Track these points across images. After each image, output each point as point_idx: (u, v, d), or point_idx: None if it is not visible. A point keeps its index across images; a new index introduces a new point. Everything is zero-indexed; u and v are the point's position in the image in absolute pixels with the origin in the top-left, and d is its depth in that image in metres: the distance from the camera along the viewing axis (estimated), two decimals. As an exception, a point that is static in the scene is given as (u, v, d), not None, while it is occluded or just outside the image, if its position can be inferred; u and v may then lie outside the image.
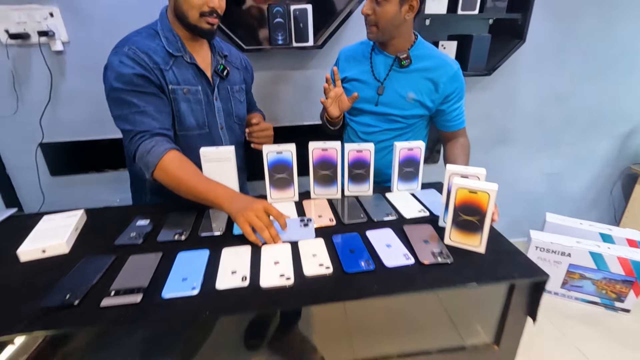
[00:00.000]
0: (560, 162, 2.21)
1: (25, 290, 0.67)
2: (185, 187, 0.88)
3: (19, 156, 1.61)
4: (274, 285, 0.66)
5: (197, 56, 1.03)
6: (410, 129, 1.19)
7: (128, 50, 0.92)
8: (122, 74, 0.90)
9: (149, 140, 0.90)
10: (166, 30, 0.99)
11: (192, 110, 1.02)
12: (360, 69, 1.18)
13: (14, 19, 1.41)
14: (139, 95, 0.92)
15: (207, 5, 0.94)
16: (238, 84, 1.16)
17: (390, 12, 1.01)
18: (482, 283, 0.67)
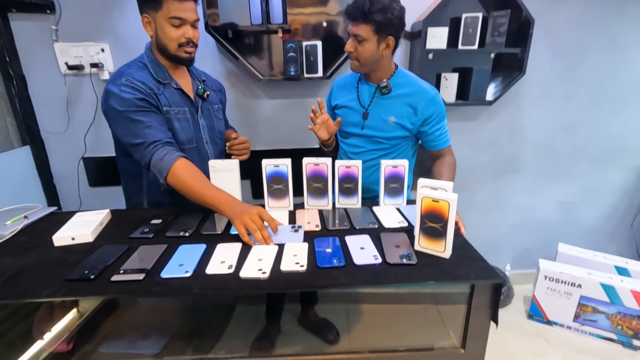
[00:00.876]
0: (573, 191, 2.20)
1: (55, 267, 0.82)
2: (193, 192, 1.02)
3: (65, 168, 1.86)
4: (250, 277, 0.77)
5: (181, 82, 1.20)
6: (395, 149, 1.31)
7: (125, 81, 1.06)
8: (125, 99, 1.04)
9: (161, 149, 1.04)
10: (152, 62, 1.15)
11: (182, 128, 1.18)
12: (349, 97, 1.34)
13: (72, 53, 1.69)
14: (144, 113, 1.06)
15: (183, 37, 1.10)
16: (216, 104, 1.34)
17: (369, 49, 1.17)
18: (439, 281, 0.74)
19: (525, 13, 1.67)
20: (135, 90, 1.07)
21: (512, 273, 2.25)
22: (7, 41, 1.63)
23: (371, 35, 1.14)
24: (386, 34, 1.15)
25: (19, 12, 1.62)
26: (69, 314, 1.06)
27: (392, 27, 1.14)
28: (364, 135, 1.32)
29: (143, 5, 1.09)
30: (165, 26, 1.08)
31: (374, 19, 1.11)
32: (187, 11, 1.08)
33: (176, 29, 1.09)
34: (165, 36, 1.10)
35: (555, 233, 2.24)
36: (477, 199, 2.18)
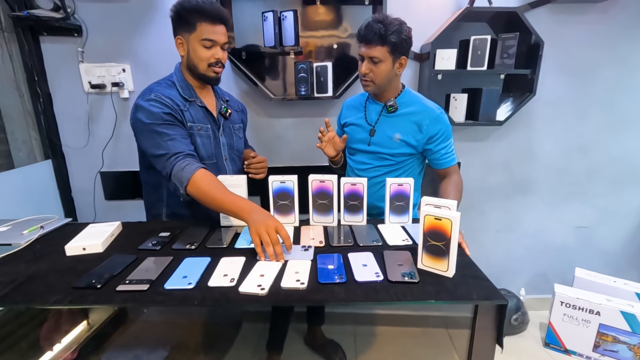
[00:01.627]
0: (590, 214, 2.13)
1: (65, 275, 0.85)
2: (213, 200, 1.03)
3: (83, 181, 1.93)
4: (249, 292, 0.77)
5: (205, 100, 1.26)
6: (400, 166, 1.32)
7: (154, 96, 1.13)
8: (153, 112, 1.10)
9: (182, 160, 1.07)
10: (180, 81, 1.22)
11: (203, 144, 1.23)
12: (357, 116, 1.38)
13: (96, 73, 1.79)
14: (169, 127, 1.11)
15: (213, 58, 1.17)
16: (238, 123, 1.39)
17: (386, 70, 1.21)
18: (440, 301, 0.73)
19: (535, 36, 1.68)
20: (163, 105, 1.12)
21: (526, 298, 2.17)
22: (37, 62, 1.75)
23: (387, 56, 1.19)
24: (400, 54, 1.21)
25: (49, 35, 1.74)
26: (77, 323, 1.09)
27: (405, 47, 1.21)
28: (370, 152, 1.35)
29: (178, 28, 1.17)
30: (197, 47, 1.15)
31: (390, 41, 1.16)
32: (218, 34, 1.15)
33: (207, 49, 1.16)
34: (196, 56, 1.16)
35: (571, 257, 2.17)
36: (488, 219, 2.14)
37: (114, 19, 1.73)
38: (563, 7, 1.79)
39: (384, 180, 1.13)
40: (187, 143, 1.14)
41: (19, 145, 1.80)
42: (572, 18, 1.81)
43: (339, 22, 1.82)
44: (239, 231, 1.10)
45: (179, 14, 1.15)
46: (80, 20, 1.72)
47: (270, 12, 1.66)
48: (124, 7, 1.72)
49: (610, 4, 1.78)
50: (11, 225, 1.17)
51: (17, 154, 1.79)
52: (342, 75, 1.83)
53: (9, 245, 1.02)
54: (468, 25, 1.79)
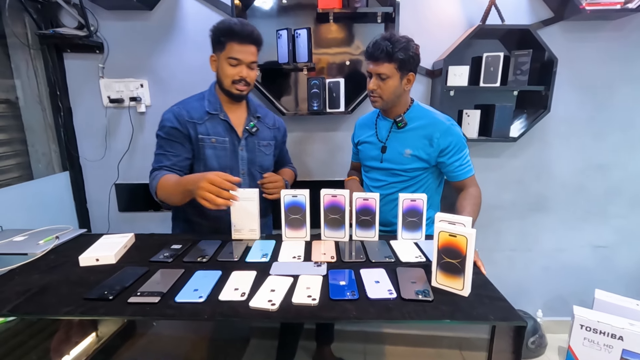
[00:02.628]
0: (609, 234, 2.07)
1: (78, 286, 0.85)
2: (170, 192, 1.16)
3: (98, 193, 1.97)
4: (259, 307, 0.76)
5: (232, 115, 1.31)
6: (414, 181, 1.31)
7: (176, 108, 1.26)
8: (164, 126, 1.25)
9: (156, 173, 1.22)
10: (210, 95, 1.31)
11: (217, 155, 1.29)
12: (369, 133, 1.40)
13: (114, 88, 1.85)
14: (168, 141, 1.24)
15: (237, 75, 1.23)
16: (267, 140, 1.40)
17: (393, 86, 1.23)
18: (455, 321, 0.71)
19: (548, 52, 1.68)
20: (176, 119, 1.24)
21: (544, 320, 2.09)
22: (60, 77, 1.81)
23: (394, 73, 1.21)
24: (407, 70, 1.22)
25: (72, 52, 1.81)
26: (87, 335, 1.08)
27: (413, 63, 1.22)
28: (383, 169, 1.35)
29: (213, 47, 1.26)
30: (224, 64, 1.23)
31: (397, 58, 1.18)
32: (245, 53, 1.22)
33: (232, 67, 1.23)
34: (222, 73, 1.25)
35: (590, 278, 2.09)
36: (503, 238, 2.09)
37: (134, 37, 1.80)
38: (576, 25, 1.79)
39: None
40: (174, 159, 1.24)
41: (39, 157, 1.85)
42: (586, 35, 1.80)
43: (352, 40, 1.86)
44: (250, 245, 1.10)
45: (214, 35, 1.24)
46: (102, 38, 1.79)
47: (284, 29, 1.70)
48: (144, 25, 1.78)
49: (625, 22, 1.78)
50: (27, 235, 1.19)
51: (36, 166, 1.84)
52: (354, 91, 1.85)
53: (25, 254, 1.04)
54: (480, 42, 1.80)
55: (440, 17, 1.81)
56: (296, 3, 1.80)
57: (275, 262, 0.97)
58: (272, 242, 1.11)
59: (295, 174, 1.60)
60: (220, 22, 1.23)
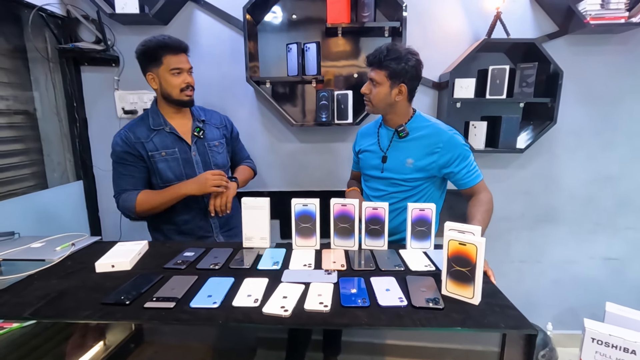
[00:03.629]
0: (620, 246, 2.05)
1: (95, 292, 0.87)
2: (159, 204, 1.32)
3: (110, 202, 1.98)
4: (273, 313, 0.77)
5: (177, 125, 1.39)
6: (416, 191, 1.32)
7: (123, 132, 1.35)
8: (115, 151, 1.34)
9: (124, 195, 1.34)
10: (153, 113, 1.39)
11: (169, 167, 1.36)
12: (370, 142, 1.41)
13: (129, 100, 1.90)
14: (122, 164, 1.34)
15: (184, 83, 1.32)
16: (217, 139, 1.48)
17: (382, 93, 1.26)
18: (466, 328, 0.72)
19: (554, 65, 1.70)
20: (124, 143, 1.33)
21: (554, 333, 2.06)
22: (77, 89, 1.88)
23: (384, 80, 1.24)
24: (399, 81, 1.24)
25: (89, 65, 1.88)
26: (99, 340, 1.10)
27: (404, 75, 1.23)
28: (384, 178, 1.36)
29: (146, 66, 1.33)
30: (168, 77, 1.31)
31: (388, 66, 1.22)
32: (183, 62, 1.33)
33: (176, 77, 1.32)
34: (168, 85, 1.32)
35: (601, 291, 2.07)
36: (512, 249, 2.08)
37: (149, 51, 1.85)
38: (581, 39, 1.82)
39: (400, 207, 1.14)
40: (133, 181, 1.35)
41: (54, 167, 1.90)
42: (591, 49, 1.83)
43: (359, 53, 1.90)
44: (260, 253, 1.11)
45: (144, 53, 1.31)
46: (118, 52, 1.85)
47: (294, 43, 1.75)
48: (158, 40, 1.84)
49: (630, 36, 1.80)
50: (44, 242, 1.22)
51: (51, 175, 1.89)
52: (361, 103, 1.85)
53: (43, 260, 1.06)
54: (486, 55, 1.83)
55: (446, 31, 1.85)
56: (306, 18, 1.86)
57: (287, 269, 0.99)
58: (283, 250, 1.13)
59: (252, 169, 1.65)
60: (148, 41, 1.30)
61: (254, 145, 1.94)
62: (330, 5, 1.69)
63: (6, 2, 1.55)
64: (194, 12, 1.84)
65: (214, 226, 1.47)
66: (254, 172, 1.65)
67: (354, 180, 1.62)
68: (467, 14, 1.83)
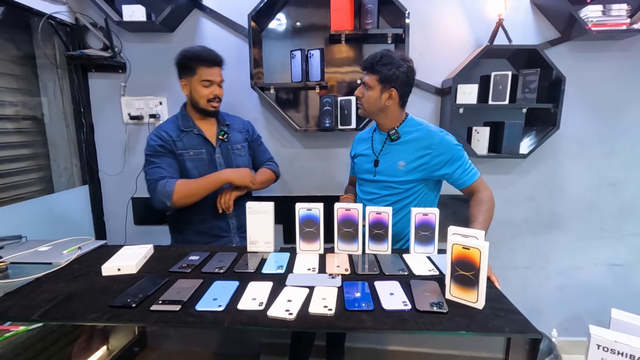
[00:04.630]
0: (625, 252, 2.04)
1: (102, 294, 0.88)
2: (196, 192, 1.37)
3: (115, 206, 2.02)
4: (277, 316, 0.78)
5: (205, 128, 1.48)
6: (407, 194, 1.33)
7: (156, 132, 1.43)
8: (150, 145, 1.40)
9: (163, 181, 1.35)
10: (182, 115, 1.48)
11: (196, 166, 1.43)
12: (365, 146, 1.45)
13: (135, 105, 1.93)
14: (157, 156, 1.39)
15: (211, 94, 1.41)
16: (239, 143, 1.56)
17: (373, 97, 1.29)
18: (470, 332, 0.72)
19: (556, 71, 1.71)
20: (158, 138, 1.40)
21: (559, 340, 2.04)
22: (84, 95, 1.91)
23: (375, 85, 1.28)
24: (389, 86, 1.27)
25: (97, 71, 1.91)
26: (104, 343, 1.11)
27: (395, 80, 1.26)
28: (376, 181, 1.38)
29: (181, 73, 1.43)
30: (198, 87, 1.40)
31: (379, 70, 1.26)
32: (214, 75, 1.41)
33: (206, 88, 1.40)
34: (197, 94, 1.41)
35: (606, 297, 2.05)
36: (516, 256, 2.08)
37: (156, 57, 1.89)
38: (583, 45, 1.83)
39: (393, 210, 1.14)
40: (170, 170, 1.39)
41: (61, 172, 1.92)
42: (593, 55, 1.84)
43: (362, 59, 1.91)
44: (265, 257, 1.12)
45: (181, 61, 1.40)
46: (125, 58, 1.88)
47: (298, 50, 1.77)
48: (165, 46, 1.88)
49: (633, 41, 1.81)
50: (51, 245, 1.24)
51: (58, 180, 1.91)
52: (365, 108, 1.89)
53: (50, 264, 1.08)
54: (488, 62, 1.85)
55: (448, 38, 1.87)
56: (309, 25, 1.88)
57: (291, 273, 1.00)
58: (287, 254, 1.14)
59: (274, 172, 1.67)
60: (186, 51, 1.40)
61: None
62: (333, 12, 1.72)
63: (17, 10, 1.58)
64: (200, 20, 1.87)
65: (232, 227, 1.52)
66: (275, 174, 1.68)
67: (350, 185, 1.64)
68: (469, 21, 1.85)
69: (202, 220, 1.47)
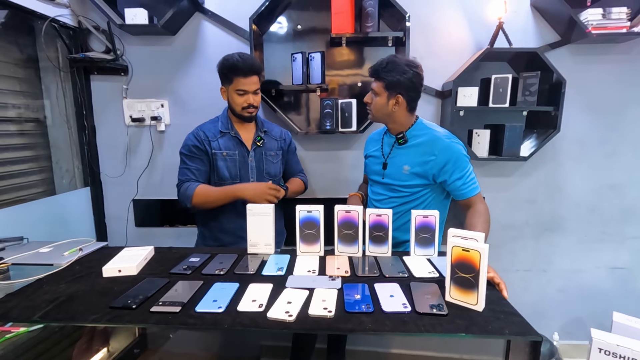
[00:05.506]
0: (626, 255, 2.03)
1: (102, 295, 0.89)
2: (214, 199, 1.44)
3: (116, 208, 2.03)
4: (277, 318, 0.78)
5: (242, 132, 1.55)
6: (414, 197, 1.34)
7: (195, 130, 1.52)
8: (186, 144, 1.49)
9: (187, 184, 1.45)
10: (223, 118, 1.55)
11: (227, 166, 1.51)
12: (375, 148, 1.47)
13: (137, 108, 1.94)
14: (190, 158, 1.48)
15: (246, 103, 1.46)
16: (274, 150, 1.61)
17: (380, 103, 1.31)
18: (470, 334, 0.72)
19: (556, 74, 1.72)
20: (196, 139, 1.49)
21: (560, 343, 2.04)
22: (86, 98, 1.92)
23: (382, 91, 1.29)
24: (396, 92, 1.28)
25: (99, 74, 1.92)
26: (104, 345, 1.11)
27: (401, 86, 1.27)
28: (384, 184, 1.40)
29: (221, 80, 1.49)
30: (233, 95, 1.47)
31: (384, 77, 1.27)
32: (249, 84, 1.45)
33: (240, 97, 1.46)
34: (233, 102, 1.49)
35: (608, 301, 2.05)
36: (517, 258, 2.07)
37: (157, 60, 1.90)
38: (584, 48, 1.83)
39: (399, 212, 1.15)
40: (197, 174, 1.48)
41: (62, 174, 1.93)
42: (593, 58, 1.84)
43: (363, 62, 1.93)
44: (265, 259, 1.12)
45: (221, 71, 1.47)
46: (127, 61, 1.90)
47: (299, 53, 1.78)
48: (167, 49, 1.89)
49: (633, 44, 1.81)
50: (53, 246, 1.24)
51: (59, 182, 1.92)
52: (365, 111, 1.89)
53: (51, 265, 1.08)
54: (489, 65, 1.85)
55: (449, 41, 1.87)
56: (310, 28, 1.89)
57: (291, 275, 1.00)
58: (287, 256, 1.14)
59: (304, 183, 1.72)
60: (225, 60, 1.44)
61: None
62: (334, 15, 1.72)
63: (21, 13, 1.59)
64: (202, 23, 1.89)
65: None
66: (305, 185, 1.73)
67: (364, 184, 1.66)
68: (470, 24, 1.85)
69: (229, 220, 1.53)
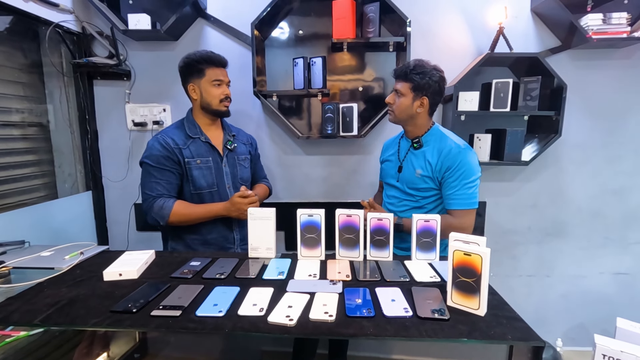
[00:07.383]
0: (630, 261, 2.02)
1: (103, 299, 0.89)
2: (195, 217, 1.38)
3: (118, 213, 2.03)
4: (278, 322, 0.78)
5: (211, 136, 1.47)
6: (427, 201, 1.35)
7: (160, 137, 1.39)
8: (153, 155, 1.36)
9: (160, 201, 1.34)
10: (189, 122, 1.46)
11: (203, 175, 1.42)
12: (391, 152, 1.49)
13: (139, 112, 1.95)
14: (159, 170, 1.36)
15: (223, 94, 1.42)
16: (244, 154, 1.57)
17: (405, 104, 1.31)
18: (472, 339, 0.71)
19: (557, 79, 1.72)
20: (162, 147, 1.36)
21: (564, 350, 2.02)
22: (89, 102, 1.93)
23: (408, 92, 1.31)
24: (422, 94, 1.30)
25: (102, 79, 1.93)
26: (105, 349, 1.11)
27: (427, 88, 1.29)
28: (399, 187, 1.42)
29: (188, 77, 1.42)
30: (209, 88, 1.41)
31: (412, 79, 1.29)
32: (223, 75, 1.44)
33: (217, 88, 1.41)
34: (209, 95, 1.41)
35: (611, 306, 2.03)
36: (519, 264, 2.06)
37: (160, 65, 1.91)
38: (584, 53, 1.84)
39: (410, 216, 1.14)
40: (169, 187, 1.38)
41: (65, 178, 1.94)
42: (594, 63, 1.84)
43: (364, 67, 1.94)
44: (266, 263, 1.12)
45: (188, 65, 1.40)
46: (130, 66, 1.91)
47: (300, 58, 1.79)
48: (169, 54, 1.90)
49: (633, 50, 1.82)
50: (54, 250, 1.24)
51: (62, 186, 1.92)
52: (366, 116, 1.91)
53: (52, 269, 1.08)
54: (489, 70, 1.86)
55: (450, 46, 1.88)
56: (312, 33, 1.91)
57: (292, 279, 1.00)
58: (288, 260, 1.13)
59: (270, 189, 1.72)
60: (192, 54, 1.40)
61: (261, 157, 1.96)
62: (336, 21, 1.74)
63: (25, 19, 1.61)
64: (204, 28, 1.90)
65: (236, 238, 1.52)
66: (270, 191, 1.72)
67: (378, 193, 1.69)
68: (470, 29, 1.86)
69: (209, 231, 1.45)
